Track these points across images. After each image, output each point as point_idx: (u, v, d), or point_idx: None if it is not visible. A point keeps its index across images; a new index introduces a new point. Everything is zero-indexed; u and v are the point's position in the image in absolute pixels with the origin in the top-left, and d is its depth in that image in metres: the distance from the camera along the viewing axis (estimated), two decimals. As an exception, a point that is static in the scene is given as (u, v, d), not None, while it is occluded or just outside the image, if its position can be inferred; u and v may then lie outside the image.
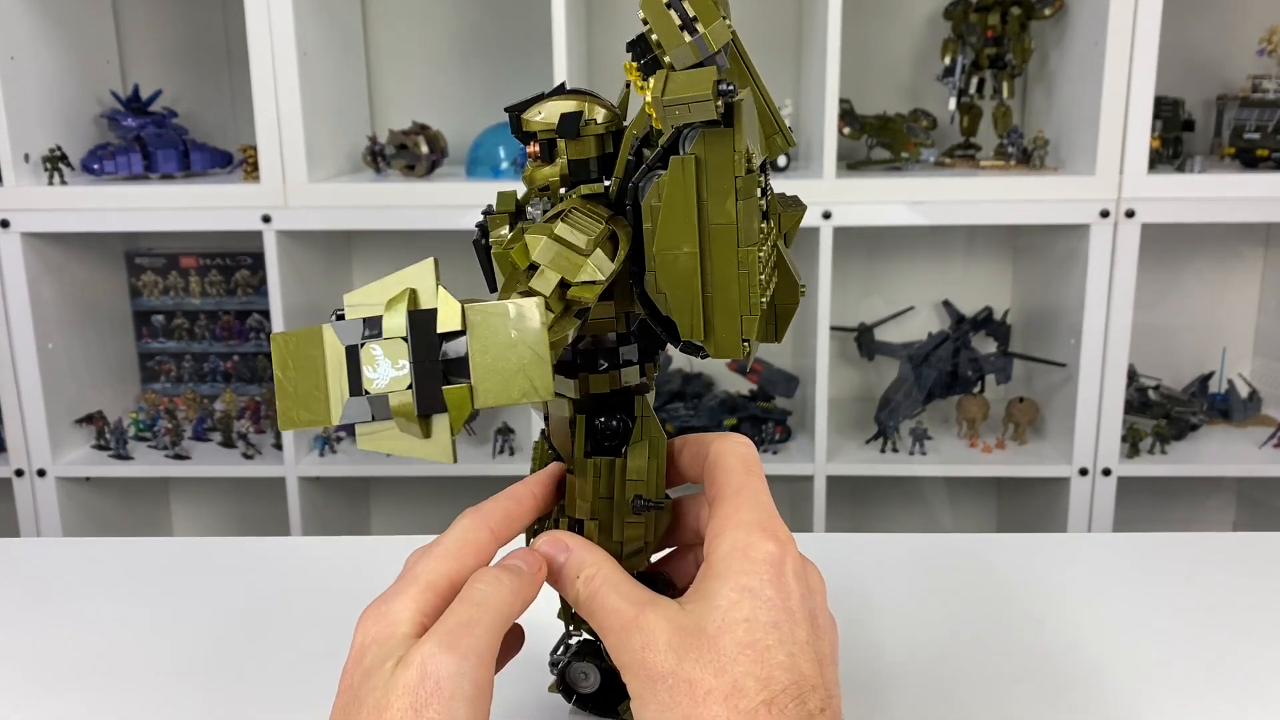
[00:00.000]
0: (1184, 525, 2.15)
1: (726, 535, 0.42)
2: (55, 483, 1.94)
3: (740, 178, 0.41)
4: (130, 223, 1.90)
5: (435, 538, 0.45)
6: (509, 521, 0.46)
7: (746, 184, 0.41)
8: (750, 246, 0.41)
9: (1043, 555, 0.84)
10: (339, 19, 1.97)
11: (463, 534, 0.44)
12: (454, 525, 0.45)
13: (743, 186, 0.41)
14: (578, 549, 0.45)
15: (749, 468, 0.45)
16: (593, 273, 0.42)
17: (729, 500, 0.44)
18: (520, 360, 0.39)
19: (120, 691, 0.65)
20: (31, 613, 0.75)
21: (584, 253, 0.42)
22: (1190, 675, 0.66)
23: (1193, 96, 1.96)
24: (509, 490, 0.48)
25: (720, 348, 0.43)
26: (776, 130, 0.45)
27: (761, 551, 0.42)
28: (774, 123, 0.45)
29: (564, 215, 0.43)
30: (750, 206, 0.41)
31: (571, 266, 0.42)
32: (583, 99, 0.46)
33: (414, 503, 2.29)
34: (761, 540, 0.42)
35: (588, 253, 0.42)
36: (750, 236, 0.41)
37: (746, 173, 0.41)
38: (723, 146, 0.41)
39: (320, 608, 0.73)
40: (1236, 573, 0.80)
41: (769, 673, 0.39)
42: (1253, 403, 2.03)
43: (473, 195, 1.83)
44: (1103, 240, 1.74)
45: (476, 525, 0.45)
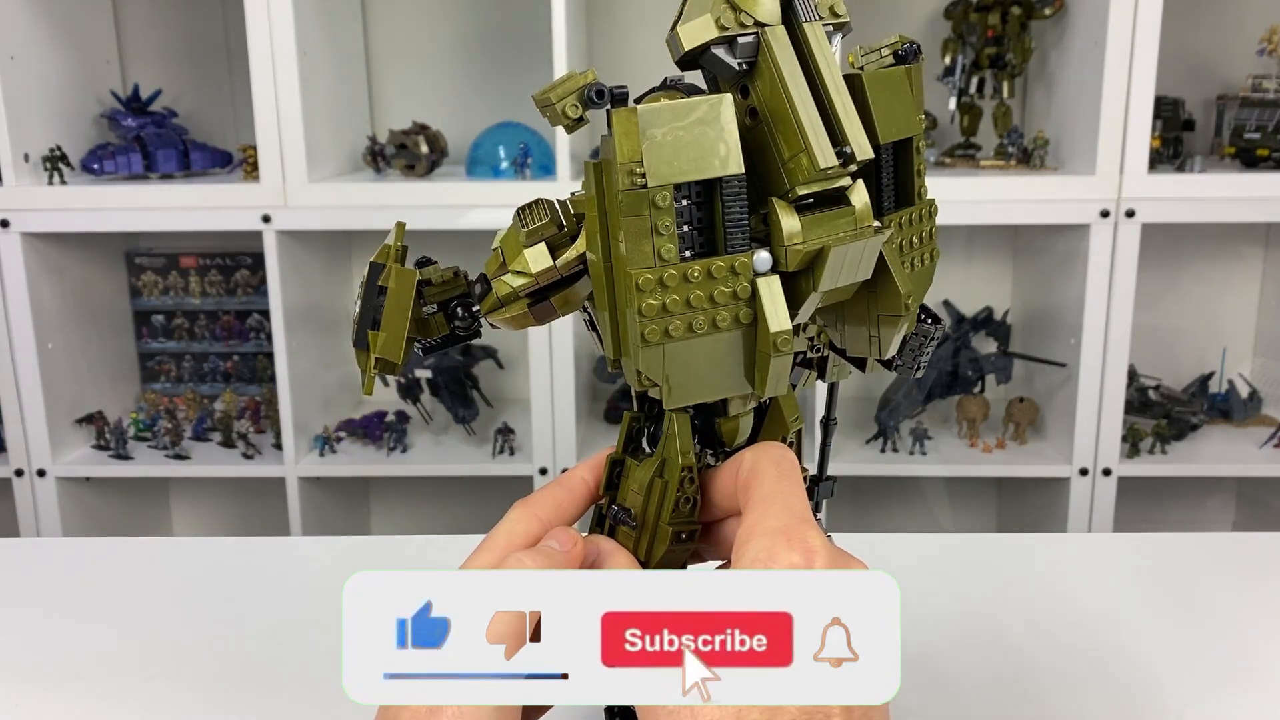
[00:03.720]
0: (1184, 525, 2.15)
1: (751, 544, 0.39)
2: (55, 483, 1.94)
3: (621, 192, 0.38)
4: (130, 222, 1.90)
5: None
6: (559, 511, 0.46)
7: (629, 200, 0.38)
8: (638, 269, 0.38)
9: (1043, 555, 0.84)
10: (339, 19, 1.97)
11: (511, 527, 0.44)
12: (504, 519, 0.45)
13: (623, 202, 0.38)
14: (610, 553, 0.44)
15: (782, 472, 0.42)
16: (522, 264, 0.43)
17: (757, 506, 0.41)
18: (397, 325, 0.44)
19: (120, 691, 0.65)
20: (31, 613, 0.75)
21: (521, 242, 0.43)
22: (1191, 675, 0.66)
23: (1193, 96, 1.96)
24: (561, 478, 0.48)
25: (625, 374, 0.41)
26: (802, 149, 0.40)
27: (785, 563, 0.38)
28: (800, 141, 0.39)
29: (527, 206, 0.44)
30: (636, 225, 0.38)
31: (510, 254, 0.44)
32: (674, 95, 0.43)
33: (414, 503, 2.29)
34: (786, 551, 0.38)
35: (523, 243, 0.43)
36: (637, 258, 0.38)
37: (632, 188, 0.38)
38: (611, 156, 0.38)
39: (320, 608, 0.73)
40: (1237, 573, 0.80)
41: None
42: (1253, 403, 2.03)
43: (473, 195, 1.83)
44: (1103, 240, 1.74)
45: (525, 517, 0.44)
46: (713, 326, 0.39)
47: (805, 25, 0.39)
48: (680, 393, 0.40)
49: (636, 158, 0.37)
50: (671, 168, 0.38)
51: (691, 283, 0.38)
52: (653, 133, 0.37)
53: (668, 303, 0.38)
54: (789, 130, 0.39)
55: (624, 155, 0.37)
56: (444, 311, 0.47)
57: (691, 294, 0.39)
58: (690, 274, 0.39)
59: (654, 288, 0.38)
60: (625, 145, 0.37)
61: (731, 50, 0.39)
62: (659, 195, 0.38)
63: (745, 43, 0.39)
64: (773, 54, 0.39)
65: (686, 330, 0.39)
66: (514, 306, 0.45)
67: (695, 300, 0.39)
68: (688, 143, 0.38)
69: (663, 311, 0.38)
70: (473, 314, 0.46)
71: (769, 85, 0.39)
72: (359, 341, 0.46)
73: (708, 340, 0.39)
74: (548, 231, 0.44)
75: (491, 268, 0.45)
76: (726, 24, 0.39)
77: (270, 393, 2.06)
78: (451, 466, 1.96)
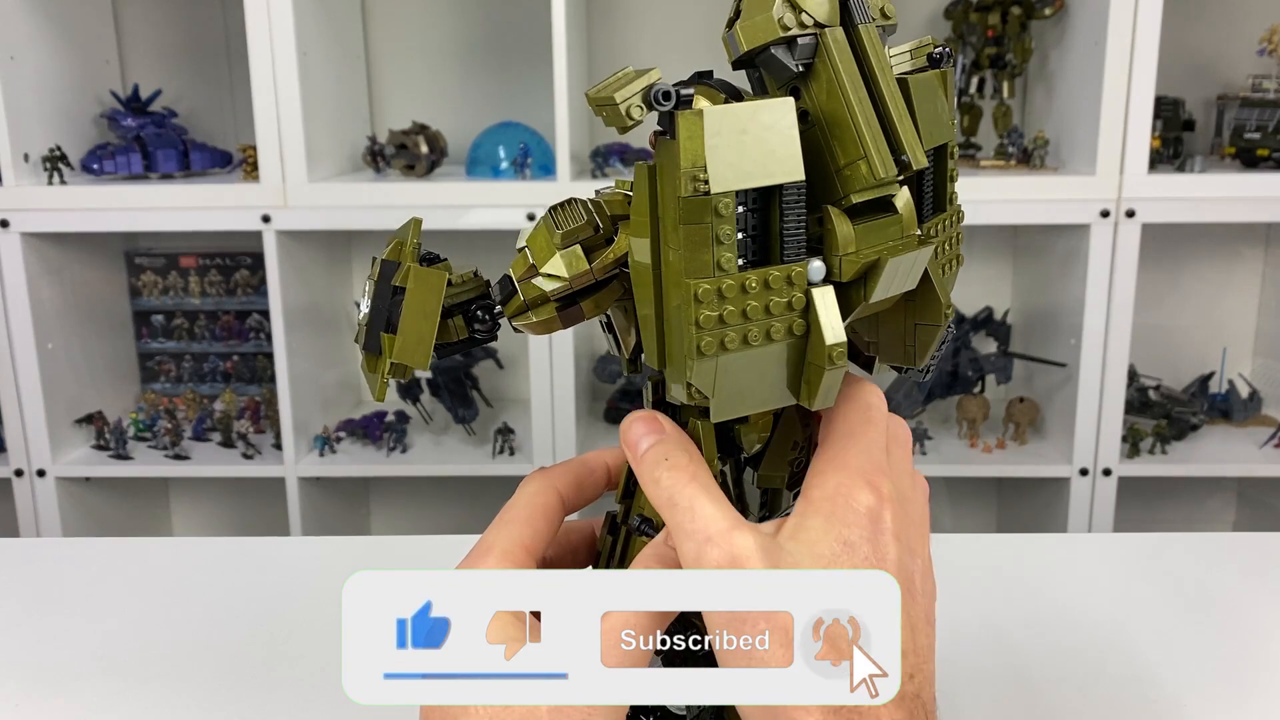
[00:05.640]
0: (1184, 525, 2.15)
1: (831, 476, 0.39)
2: (55, 483, 1.94)
3: (682, 199, 0.36)
4: (130, 222, 1.90)
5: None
6: (579, 489, 0.45)
7: (690, 208, 0.36)
8: (695, 279, 0.36)
9: (1043, 555, 0.84)
10: (339, 19, 1.97)
11: (531, 498, 0.43)
12: (520, 490, 0.44)
13: (683, 209, 0.36)
14: (674, 433, 0.42)
15: (869, 416, 0.42)
16: (556, 267, 0.42)
17: (839, 441, 0.41)
18: (421, 331, 0.42)
19: (120, 691, 0.65)
20: (31, 613, 0.75)
21: (553, 243, 0.42)
22: (1191, 675, 0.65)
23: (1193, 96, 1.96)
24: (585, 456, 0.46)
25: (670, 384, 0.40)
26: (861, 156, 0.38)
27: (863, 503, 0.39)
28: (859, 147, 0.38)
29: (560, 205, 0.42)
30: (696, 233, 0.36)
31: (541, 255, 0.42)
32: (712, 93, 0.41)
33: (414, 503, 2.29)
34: (863, 491, 0.39)
35: (556, 245, 0.42)
36: (695, 267, 0.37)
37: (695, 194, 0.36)
38: (671, 161, 0.36)
39: (320, 608, 0.73)
40: (1237, 573, 0.80)
41: None
42: (1253, 403, 2.03)
43: (472, 195, 1.83)
44: (1103, 240, 1.74)
45: (544, 488, 0.44)
46: (766, 338, 0.38)
47: (860, 27, 0.38)
48: (727, 406, 0.39)
49: (701, 163, 0.36)
50: (736, 173, 0.36)
51: (749, 293, 0.37)
52: (717, 138, 0.36)
53: (724, 314, 0.37)
54: (846, 136, 0.38)
55: (687, 160, 0.36)
56: (463, 314, 0.44)
57: (748, 305, 0.37)
58: (748, 284, 0.37)
59: (712, 299, 0.37)
60: (689, 149, 0.36)
61: (790, 51, 0.38)
62: (722, 202, 0.36)
63: (805, 44, 0.38)
64: (832, 56, 0.38)
65: (741, 342, 0.37)
66: (542, 310, 0.43)
67: (751, 311, 0.37)
68: (751, 147, 0.37)
69: (719, 323, 0.37)
70: (494, 317, 0.44)
71: (826, 89, 0.38)
72: (370, 345, 0.44)
73: (759, 352, 0.38)
74: (584, 234, 0.42)
75: (519, 269, 0.43)
76: (788, 24, 0.37)
77: (270, 393, 2.06)
78: (451, 467, 1.96)
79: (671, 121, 0.36)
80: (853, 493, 0.39)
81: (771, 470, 0.45)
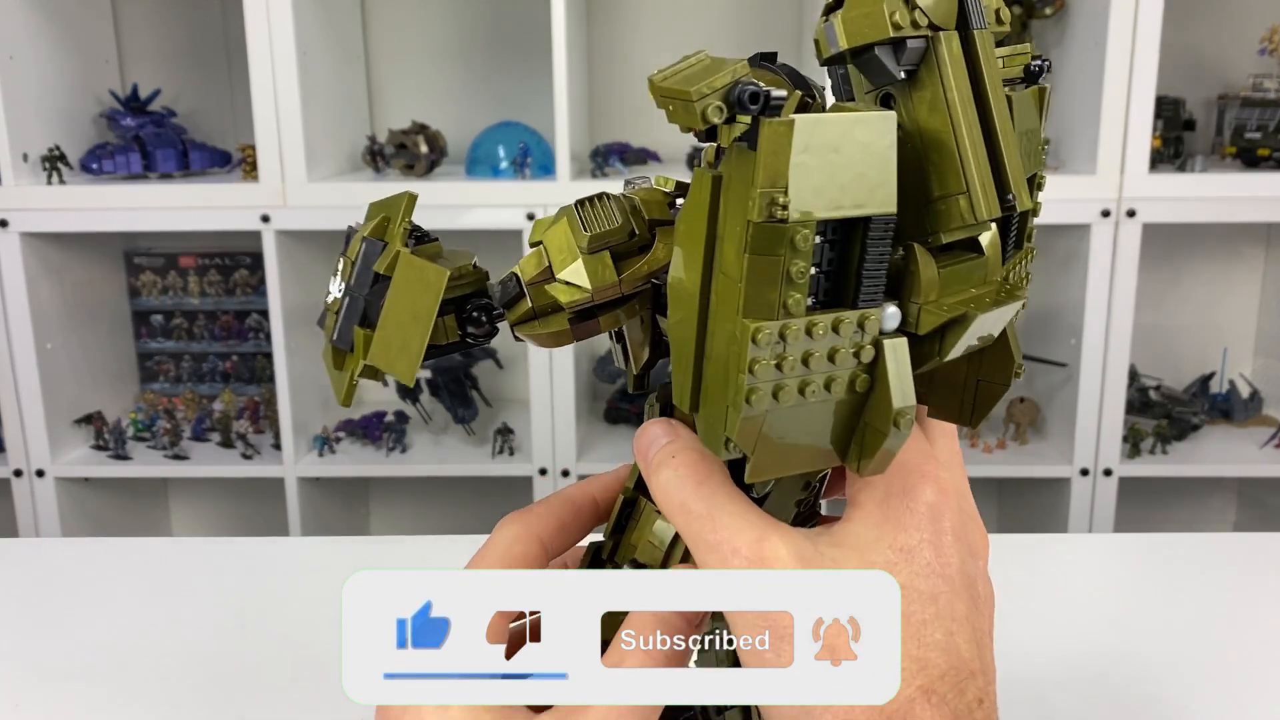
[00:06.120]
0: (1185, 526, 2.15)
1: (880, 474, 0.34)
2: (54, 483, 1.94)
3: (753, 224, 0.30)
4: (129, 222, 1.90)
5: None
6: (563, 532, 0.39)
7: (762, 235, 0.30)
8: (755, 320, 0.30)
9: (1044, 556, 0.84)
10: (338, 18, 1.97)
11: (507, 549, 0.38)
12: (495, 536, 0.38)
13: (755, 236, 0.30)
14: (690, 437, 0.37)
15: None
16: (577, 274, 0.36)
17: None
18: (410, 332, 0.35)
19: (119, 691, 0.64)
20: (30, 613, 0.75)
21: (578, 246, 0.36)
22: (1192, 675, 0.65)
23: (1194, 96, 1.96)
24: (569, 492, 0.41)
25: (705, 432, 0.33)
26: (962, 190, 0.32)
27: (924, 500, 0.35)
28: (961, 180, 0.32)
29: (590, 200, 0.37)
30: (765, 266, 0.30)
31: (560, 258, 0.36)
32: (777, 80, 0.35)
33: (413, 503, 2.28)
34: (923, 485, 0.35)
35: (582, 249, 0.36)
36: (757, 305, 0.31)
37: (770, 220, 0.30)
38: (745, 175, 0.30)
39: (319, 608, 0.73)
40: (1237, 573, 0.80)
41: (924, 653, 0.33)
42: (1254, 403, 2.02)
43: (472, 195, 1.83)
44: (1104, 240, 1.73)
45: (522, 535, 0.38)
46: (824, 391, 0.32)
47: (976, 33, 0.32)
48: (767, 466, 0.33)
49: (782, 183, 0.30)
50: (821, 198, 0.30)
51: (814, 339, 0.31)
52: (805, 154, 0.30)
53: (783, 361, 0.31)
54: (947, 164, 0.32)
55: (766, 178, 0.30)
56: (456, 313, 0.38)
57: (811, 352, 0.32)
58: (814, 329, 0.31)
59: (771, 343, 0.31)
60: (771, 165, 0.30)
61: (896, 54, 0.32)
62: (800, 234, 0.30)
63: (914, 47, 0.32)
64: (944, 66, 0.32)
65: (796, 395, 0.32)
66: (553, 321, 0.37)
67: (814, 360, 0.32)
68: (842, 169, 0.31)
69: (774, 371, 0.31)
70: (492, 320, 0.38)
71: (930, 103, 0.32)
72: (342, 339, 0.38)
73: (813, 407, 0.32)
74: (615, 238, 0.36)
75: (529, 270, 0.37)
76: (900, 22, 0.31)
77: (269, 393, 2.05)
78: (451, 467, 1.96)
79: (755, 129, 0.30)
80: (911, 489, 0.35)
81: (775, 511, 0.38)
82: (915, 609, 0.33)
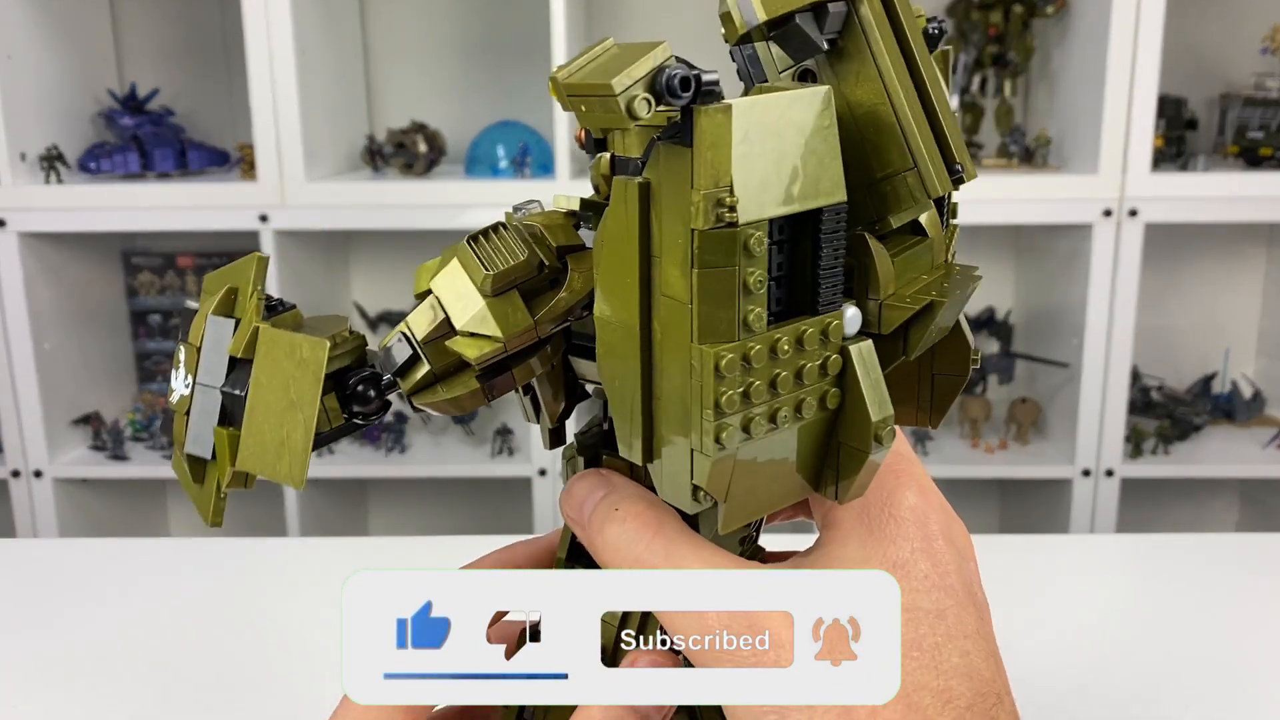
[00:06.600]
0: (1187, 526, 2.14)
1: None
2: (52, 484, 1.93)
3: (699, 233, 0.26)
4: (127, 222, 1.89)
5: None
6: None
7: (711, 245, 0.26)
8: (714, 345, 0.27)
9: (1045, 557, 0.84)
10: (337, 17, 1.96)
11: None
12: None
13: (702, 247, 0.26)
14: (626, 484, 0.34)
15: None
16: (483, 322, 0.30)
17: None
18: (290, 423, 0.30)
19: (117, 692, 0.64)
20: (29, 614, 0.75)
21: (479, 289, 0.30)
22: (1194, 676, 0.65)
23: (1196, 95, 1.95)
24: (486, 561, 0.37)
25: (667, 484, 0.30)
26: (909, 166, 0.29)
27: (907, 504, 0.32)
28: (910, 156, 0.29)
29: (484, 233, 0.31)
30: (717, 279, 0.26)
31: (459, 306, 0.30)
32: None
33: (412, 503, 2.28)
34: (904, 489, 0.32)
35: (485, 291, 0.30)
36: (714, 326, 0.27)
37: (717, 225, 0.26)
38: (680, 177, 0.26)
39: (318, 608, 0.73)
40: (1240, 574, 0.79)
41: (946, 683, 0.30)
42: (1256, 403, 2.02)
43: (471, 194, 1.83)
44: (1105, 240, 1.73)
45: None
46: (795, 416, 0.28)
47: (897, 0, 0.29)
48: (740, 510, 0.30)
49: (725, 181, 0.26)
50: (769, 193, 0.27)
51: (779, 357, 0.28)
52: (745, 144, 0.26)
53: (751, 389, 0.27)
54: (888, 139, 0.29)
55: (708, 176, 0.26)
56: (337, 392, 0.32)
57: (778, 373, 0.28)
58: (779, 346, 0.28)
59: (736, 370, 0.27)
60: (712, 161, 0.26)
61: (818, 21, 0.28)
62: (753, 237, 0.26)
63: (836, 12, 0.29)
64: (871, 32, 0.29)
65: (767, 424, 0.28)
66: (458, 382, 0.31)
67: (781, 382, 0.28)
68: (785, 157, 0.27)
69: (743, 401, 0.27)
70: (382, 393, 0.32)
71: (857, 75, 0.29)
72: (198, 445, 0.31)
73: (784, 435, 0.29)
74: (522, 274, 0.31)
75: (421, 327, 0.31)
76: None
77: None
78: (450, 467, 1.95)
79: (688, 120, 0.26)
80: (890, 495, 0.32)
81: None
82: (925, 632, 0.31)
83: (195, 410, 0.31)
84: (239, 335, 0.31)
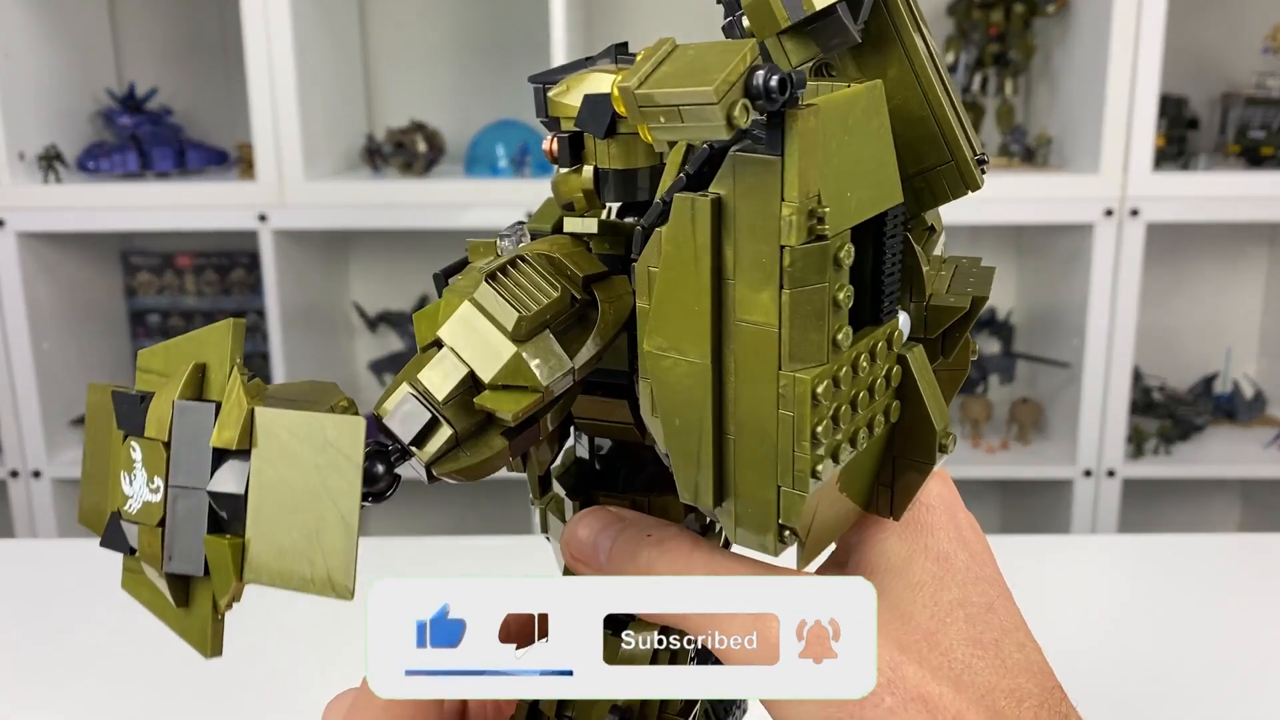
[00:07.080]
0: (1189, 526, 2.14)
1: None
2: (50, 484, 1.93)
3: (791, 249, 0.24)
4: (125, 221, 1.89)
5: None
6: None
7: (804, 261, 0.24)
8: (804, 368, 0.25)
9: (1047, 557, 0.83)
10: (336, 16, 1.96)
11: None
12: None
13: (795, 264, 0.24)
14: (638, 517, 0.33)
15: None
16: (522, 374, 0.26)
17: None
18: (318, 520, 0.25)
19: (117, 692, 0.64)
20: (27, 614, 0.75)
21: (511, 335, 0.27)
22: (1195, 675, 0.65)
23: (1197, 94, 1.95)
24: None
25: (742, 527, 0.28)
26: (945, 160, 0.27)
27: (933, 494, 0.31)
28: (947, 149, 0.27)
29: (501, 269, 0.27)
30: (809, 299, 0.24)
31: (486, 356, 0.27)
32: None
33: (411, 504, 2.28)
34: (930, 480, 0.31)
35: (518, 337, 0.27)
36: (804, 350, 0.25)
37: (809, 240, 0.24)
38: (765, 190, 0.24)
39: (318, 608, 0.73)
40: (1242, 573, 0.79)
41: (1015, 681, 0.30)
42: (1257, 403, 2.02)
43: (470, 194, 1.82)
44: (1107, 239, 1.73)
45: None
46: (868, 435, 0.27)
47: None
48: (815, 545, 0.28)
49: (816, 189, 0.24)
50: (847, 200, 0.25)
51: (859, 375, 0.26)
52: (827, 150, 0.24)
53: (840, 413, 0.26)
54: (921, 133, 0.27)
55: (799, 187, 0.23)
56: None
57: (858, 392, 0.26)
58: (859, 362, 0.26)
59: (830, 395, 0.25)
60: (806, 169, 0.23)
61: (854, 14, 0.26)
62: (843, 249, 0.25)
63: (866, 2, 0.27)
64: (900, 19, 0.27)
65: (849, 448, 0.26)
66: (485, 444, 0.27)
67: (860, 401, 0.26)
68: (858, 161, 0.25)
69: (832, 426, 0.25)
70: (392, 467, 0.28)
71: (885, 68, 0.27)
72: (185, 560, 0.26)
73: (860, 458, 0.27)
74: (556, 309, 0.27)
75: (441, 384, 0.26)
76: None
77: (267, 393, 2.05)
78: (450, 467, 1.95)
79: (781, 126, 0.23)
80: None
81: None
82: (982, 628, 0.29)
83: (174, 519, 0.26)
84: (225, 422, 0.25)
